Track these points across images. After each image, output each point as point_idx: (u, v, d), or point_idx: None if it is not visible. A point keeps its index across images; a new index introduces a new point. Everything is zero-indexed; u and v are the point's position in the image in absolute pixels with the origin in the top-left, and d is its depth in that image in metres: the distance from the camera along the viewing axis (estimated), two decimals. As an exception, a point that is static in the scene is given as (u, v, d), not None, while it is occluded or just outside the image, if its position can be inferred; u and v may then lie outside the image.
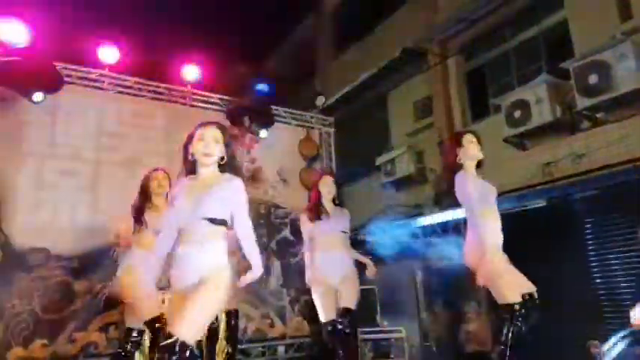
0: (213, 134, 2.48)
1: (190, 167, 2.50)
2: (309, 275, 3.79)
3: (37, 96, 4.95)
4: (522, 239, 3.72)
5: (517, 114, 5.23)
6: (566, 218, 4.86)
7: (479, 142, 3.20)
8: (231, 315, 4.27)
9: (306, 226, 3.78)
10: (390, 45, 7.23)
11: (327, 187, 3.77)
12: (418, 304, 6.66)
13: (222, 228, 2.41)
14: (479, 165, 3.21)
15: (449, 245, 6.35)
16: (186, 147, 2.53)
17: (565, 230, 4.85)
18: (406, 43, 6.97)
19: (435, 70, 6.88)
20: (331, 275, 3.63)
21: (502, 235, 3.07)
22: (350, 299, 3.62)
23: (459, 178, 3.09)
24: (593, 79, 4.59)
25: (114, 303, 4.90)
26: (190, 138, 2.52)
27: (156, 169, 3.66)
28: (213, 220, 2.36)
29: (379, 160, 7.23)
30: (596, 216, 4.70)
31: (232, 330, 4.28)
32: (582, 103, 4.69)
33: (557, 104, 5.01)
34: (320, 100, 7.38)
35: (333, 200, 3.80)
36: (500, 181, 5.21)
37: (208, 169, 2.48)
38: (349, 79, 7.77)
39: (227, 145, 2.52)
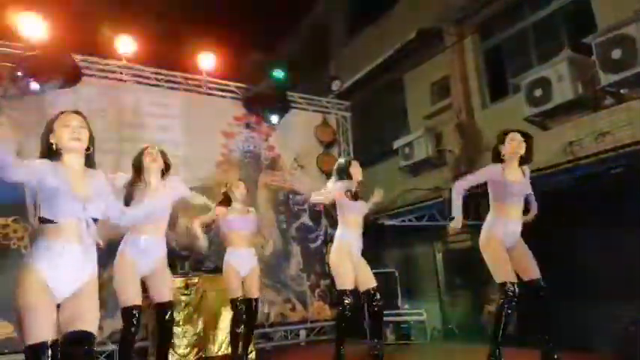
0: (79, 120, 2.33)
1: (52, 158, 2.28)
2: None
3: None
4: (546, 219, 3.69)
5: (538, 92, 5.13)
6: (591, 197, 4.78)
7: (527, 141, 3.51)
8: (252, 302, 4.37)
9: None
10: (405, 26, 7.13)
11: (356, 172, 4.08)
12: (439, 286, 6.67)
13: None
14: (524, 162, 3.54)
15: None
16: (45, 136, 2.30)
17: (589, 209, 4.78)
18: (422, 23, 6.87)
19: (451, 51, 6.77)
20: (355, 252, 3.95)
21: (514, 230, 3.41)
22: (372, 278, 3.96)
23: (490, 168, 3.49)
24: (616, 54, 4.46)
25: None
26: (50, 128, 2.30)
27: (148, 146, 3.54)
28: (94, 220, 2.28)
29: (397, 144, 7.18)
30: (621, 194, 4.61)
31: (253, 316, 4.41)
32: (606, 79, 4.57)
33: (579, 81, 4.89)
34: (336, 85, 7.34)
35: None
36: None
37: (76, 156, 2.31)
38: (365, 62, 7.70)
39: (91, 134, 2.37)
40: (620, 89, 4.64)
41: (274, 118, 6.51)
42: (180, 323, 4.76)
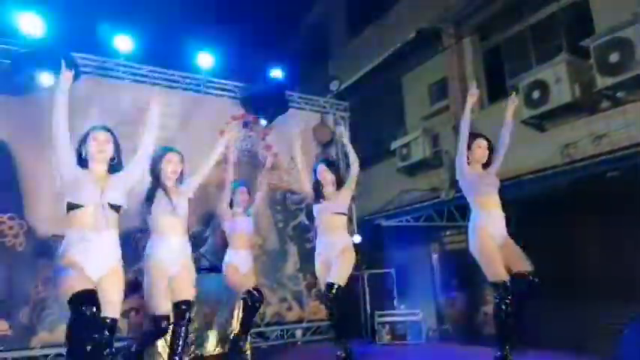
0: (105, 135, 2.76)
1: (82, 166, 2.70)
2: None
3: (48, 78, 4.91)
4: (541, 221, 3.70)
5: (535, 94, 5.15)
6: (587, 199, 4.79)
7: (489, 146, 3.60)
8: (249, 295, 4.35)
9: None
10: (404, 27, 7.14)
11: (320, 174, 4.10)
12: (435, 286, 6.68)
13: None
14: (485, 166, 3.62)
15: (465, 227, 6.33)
16: (78, 147, 2.74)
17: (586, 211, 4.80)
18: (421, 24, 6.87)
19: (450, 52, 6.78)
20: (328, 253, 3.93)
21: (498, 221, 3.44)
22: (334, 276, 3.81)
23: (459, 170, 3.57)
24: (614, 57, 4.48)
25: (135, 288, 5.02)
26: (83, 139, 2.76)
27: (169, 149, 3.50)
28: (113, 207, 2.64)
29: (394, 145, 7.19)
30: (617, 197, 4.63)
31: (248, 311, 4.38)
32: (603, 82, 4.58)
33: (577, 84, 4.91)
34: (334, 85, 7.33)
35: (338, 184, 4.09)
36: (518, 163, 5.18)
37: (100, 165, 2.73)
38: (363, 62, 7.71)
39: (116, 146, 2.81)
40: (617, 92, 4.66)
41: (262, 121, 6.51)
42: (176, 322, 4.75)
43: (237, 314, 4.93)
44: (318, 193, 4.04)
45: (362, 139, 7.86)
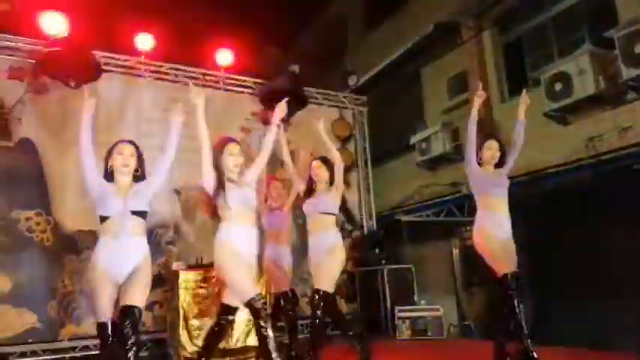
0: (130, 149, 2.92)
1: (107, 178, 2.88)
2: None
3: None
4: (565, 216, 3.64)
5: (558, 87, 5.06)
6: (612, 193, 4.70)
7: (500, 148, 3.60)
8: (281, 297, 4.48)
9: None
10: (422, 20, 7.07)
11: (313, 171, 3.93)
12: (456, 282, 6.64)
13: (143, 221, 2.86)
14: (499, 165, 3.62)
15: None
16: (105, 160, 2.91)
17: (611, 205, 4.71)
18: (439, 17, 6.80)
19: (469, 45, 6.70)
20: (316, 254, 3.78)
21: (503, 223, 3.43)
22: (319, 281, 3.74)
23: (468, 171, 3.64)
24: (639, 47, 4.38)
25: (159, 282, 5.11)
26: (109, 152, 2.91)
27: (229, 140, 3.30)
28: (136, 213, 2.80)
29: (414, 139, 7.15)
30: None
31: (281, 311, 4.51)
32: (628, 73, 4.49)
33: (601, 76, 4.82)
34: (352, 80, 7.31)
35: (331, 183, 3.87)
36: (541, 157, 5.11)
37: (126, 177, 2.90)
38: (382, 57, 7.67)
39: (140, 158, 2.97)
40: (643, 83, 4.56)
41: (289, 114, 6.50)
42: (199, 316, 4.82)
43: None
44: (310, 191, 3.86)
45: (381, 133, 7.84)
